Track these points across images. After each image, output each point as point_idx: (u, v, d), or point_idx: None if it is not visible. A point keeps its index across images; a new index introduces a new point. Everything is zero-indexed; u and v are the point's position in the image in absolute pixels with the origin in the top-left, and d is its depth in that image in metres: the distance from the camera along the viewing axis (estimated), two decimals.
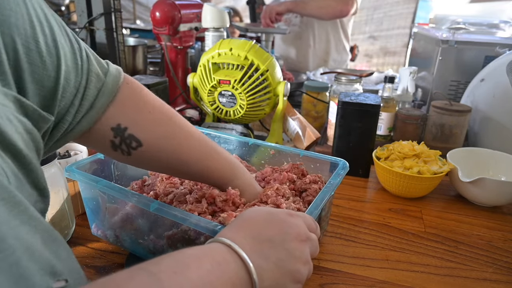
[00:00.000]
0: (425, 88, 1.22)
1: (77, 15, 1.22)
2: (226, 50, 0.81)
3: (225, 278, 0.30)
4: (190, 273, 0.28)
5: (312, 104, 1.08)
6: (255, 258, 0.33)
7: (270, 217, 0.37)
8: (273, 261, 0.34)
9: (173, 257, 0.30)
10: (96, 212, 0.57)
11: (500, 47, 1.03)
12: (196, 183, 0.58)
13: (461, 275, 0.56)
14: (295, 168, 0.63)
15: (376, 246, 0.62)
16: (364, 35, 3.34)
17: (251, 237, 0.34)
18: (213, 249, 0.32)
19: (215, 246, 0.33)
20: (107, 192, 0.51)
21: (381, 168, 0.76)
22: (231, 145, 0.71)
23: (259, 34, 1.64)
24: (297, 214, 0.39)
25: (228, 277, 0.30)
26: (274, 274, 0.33)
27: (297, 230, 0.37)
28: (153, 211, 0.46)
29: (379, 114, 0.81)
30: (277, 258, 0.34)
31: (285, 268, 0.34)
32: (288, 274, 0.34)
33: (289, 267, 0.34)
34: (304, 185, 0.59)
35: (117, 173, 0.63)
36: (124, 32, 1.26)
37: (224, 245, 0.33)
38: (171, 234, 0.49)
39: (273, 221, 0.37)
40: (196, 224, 0.43)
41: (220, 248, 0.32)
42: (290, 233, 0.36)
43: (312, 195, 0.57)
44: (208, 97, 0.84)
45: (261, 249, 0.34)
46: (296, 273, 0.35)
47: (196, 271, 0.28)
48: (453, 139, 0.94)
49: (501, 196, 0.71)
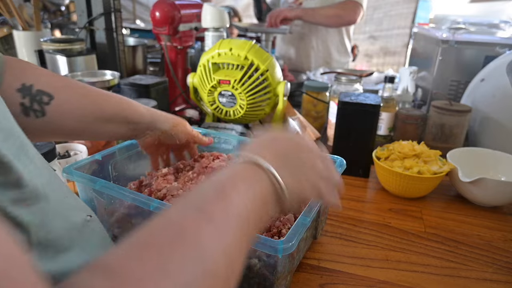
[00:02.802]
0: (425, 88, 1.21)
1: (77, 15, 1.22)
2: (226, 50, 0.81)
3: (260, 199, 0.32)
4: (233, 201, 0.30)
5: (312, 104, 1.08)
6: (281, 172, 0.35)
7: (289, 138, 0.40)
8: (289, 169, 0.36)
9: (212, 188, 0.31)
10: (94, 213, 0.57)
11: (500, 47, 1.03)
12: (190, 179, 0.58)
13: (461, 275, 0.56)
14: None
15: (376, 246, 0.62)
16: (364, 35, 3.34)
17: (271, 154, 0.36)
18: (246, 170, 0.34)
19: (247, 167, 0.34)
20: (105, 192, 0.51)
21: (381, 168, 0.76)
22: (230, 145, 0.71)
23: (259, 34, 1.64)
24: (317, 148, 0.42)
25: (263, 196, 0.33)
26: (294, 184, 0.36)
27: (309, 146, 0.40)
28: (153, 209, 0.46)
29: (379, 114, 0.81)
30: (293, 165, 0.37)
31: (301, 175, 0.37)
32: (304, 181, 0.37)
33: (304, 172, 0.37)
34: None
35: (115, 174, 0.63)
36: (124, 32, 1.27)
37: (254, 164, 0.34)
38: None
39: (290, 139, 0.40)
40: None
41: (252, 168, 0.34)
42: (303, 145, 0.40)
43: None
44: (208, 97, 0.84)
45: (280, 161, 0.36)
46: (311, 177, 0.38)
47: (237, 198, 0.30)
48: (453, 139, 0.94)
49: (501, 196, 0.71)
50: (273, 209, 0.35)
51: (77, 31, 1.22)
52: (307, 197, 0.38)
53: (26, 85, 0.41)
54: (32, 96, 0.42)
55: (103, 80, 0.89)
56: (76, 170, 0.54)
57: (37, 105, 0.42)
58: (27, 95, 0.41)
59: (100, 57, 1.19)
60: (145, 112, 0.54)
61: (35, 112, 0.42)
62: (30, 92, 0.42)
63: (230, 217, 0.28)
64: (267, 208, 0.33)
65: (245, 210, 0.30)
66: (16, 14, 1.21)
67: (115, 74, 0.94)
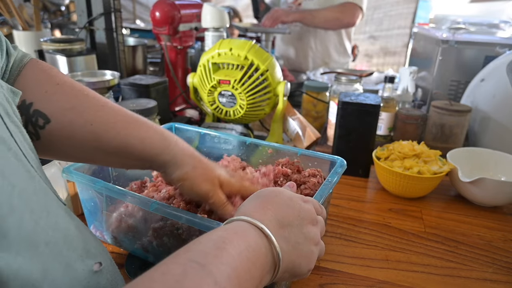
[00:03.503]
0: (425, 88, 1.21)
1: (77, 15, 1.22)
2: (226, 50, 0.81)
3: (258, 263, 0.31)
4: (232, 261, 0.29)
5: (312, 104, 1.08)
6: (279, 241, 0.34)
7: (291, 203, 0.38)
8: (292, 244, 0.35)
9: (210, 242, 0.30)
10: (94, 213, 0.57)
11: (500, 47, 1.03)
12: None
13: (461, 275, 0.56)
14: (290, 165, 0.63)
15: (376, 246, 0.62)
16: (364, 35, 3.34)
17: (276, 220, 0.35)
18: (244, 231, 0.33)
19: (246, 227, 0.33)
20: (104, 193, 0.51)
21: (381, 168, 0.76)
22: (230, 145, 0.71)
23: (259, 34, 1.64)
24: (309, 200, 0.41)
25: (260, 263, 0.32)
26: (291, 256, 0.35)
27: (310, 215, 0.39)
28: (153, 211, 0.46)
29: (379, 114, 0.81)
30: (296, 241, 0.36)
31: (301, 250, 0.36)
32: (302, 256, 0.37)
33: (305, 249, 0.37)
34: (302, 178, 0.59)
35: (115, 174, 0.63)
36: (124, 32, 1.26)
37: (253, 226, 0.33)
38: (157, 227, 0.49)
39: (293, 206, 0.38)
40: (200, 224, 0.43)
41: (250, 230, 0.33)
42: (305, 218, 0.38)
43: (310, 188, 0.57)
44: (208, 97, 0.84)
45: (283, 232, 0.35)
46: (309, 253, 0.37)
47: (237, 258, 0.29)
48: (453, 139, 0.94)
49: (501, 196, 0.71)
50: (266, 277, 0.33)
51: (77, 31, 1.21)
52: (301, 272, 0.37)
53: (25, 102, 0.37)
54: (28, 117, 0.37)
55: (103, 80, 0.89)
56: (75, 170, 0.53)
57: (31, 127, 0.38)
58: (23, 114, 0.37)
59: (100, 57, 1.19)
60: (161, 151, 0.44)
61: (30, 134, 0.36)
62: (28, 111, 0.37)
63: (230, 273, 0.28)
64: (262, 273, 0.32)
65: (244, 264, 0.30)
66: (16, 14, 1.21)
67: (115, 74, 0.94)
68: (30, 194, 0.26)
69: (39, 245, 0.25)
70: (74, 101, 0.39)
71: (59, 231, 0.28)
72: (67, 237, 0.28)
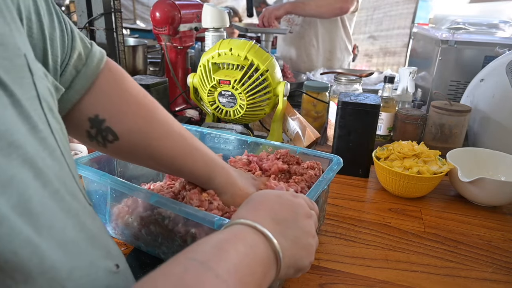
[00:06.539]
0: (425, 88, 1.22)
1: (77, 15, 1.22)
2: (226, 50, 0.81)
3: (258, 259, 0.32)
4: (232, 258, 0.30)
5: (312, 104, 1.08)
6: (277, 237, 0.35)
7: (280, 199, 0.40)
8: (290, 239, 0.37)
9: (209, 244, 0.31)
10: (99, 206, 0.58)
11: (500, 47, 1.03)
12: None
13: (461, 275, 0.56)
14: (290, 156, 0.63)
15: (376, 246, 0.62)
16: (364, 35, 3.34)
17: (270, 218, 0.37)
18: (241, 232, 0.34)
19: (241, 229, 0.34)
20: (110, 186, 0.53)
21: (381, 168, 0.76)
22: (230, 144, 0.71)
23: (259, 34, 1.64)
24: (298, 195, 0.43)
25: (260, 258, 0.32)
26: (292, 251, 0.36)
27: (303, 208, 0.40)
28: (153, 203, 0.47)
29: (379, 114, 0.81)
30: (294, 235, 0.37)
31: (300, 243, 0.38)
32: (302, 249, 0.38)
33: (303, 242, 0.38)
34: (301, 169, 0.60)
35: (120, 169, 0.64)
36: (124, 32, 1.27)
37: (249, 227, 0.34)
38: (145, 216, 0.51)
39: (283, 203, 0.40)
40: (203, 218, 0.43)
41: (246, 230, 0.34)
42: (299, 212, 0.40)
43: (306, 180, 0.58)
44: (208, 97, 0.84)
45: (280, 228, 0.36)
46: (308, 246, 0.39)
47: (235, 255, 0.30)
48: (452, 139, 0.94)
49: (501, 196, 0.71)
50: (270, 273, 0.34)
51: None
52: (304, 265, 0.38)
53: (98, 117, 0.40)
54: (99, 130, 0.41)
55: None
56: (81, 163, 0.56)
57: (101, 138, 0.42)
58: (95, 127, 0.41)
59: None
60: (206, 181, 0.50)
61: (98, 142, 0.42)
62: (100, 126, 0.41)
63: (230, 267, 0.29)
64: (263, 269, 0.33)
65: (243, 259, 0.30)
66: None
67: None
68: (64, 194, 0.27)
69: (67, 243, 0.26)
70: (141, 122, 0.43)
71: (86, 231, 0.29)
72: (93, 237, 0.29)
